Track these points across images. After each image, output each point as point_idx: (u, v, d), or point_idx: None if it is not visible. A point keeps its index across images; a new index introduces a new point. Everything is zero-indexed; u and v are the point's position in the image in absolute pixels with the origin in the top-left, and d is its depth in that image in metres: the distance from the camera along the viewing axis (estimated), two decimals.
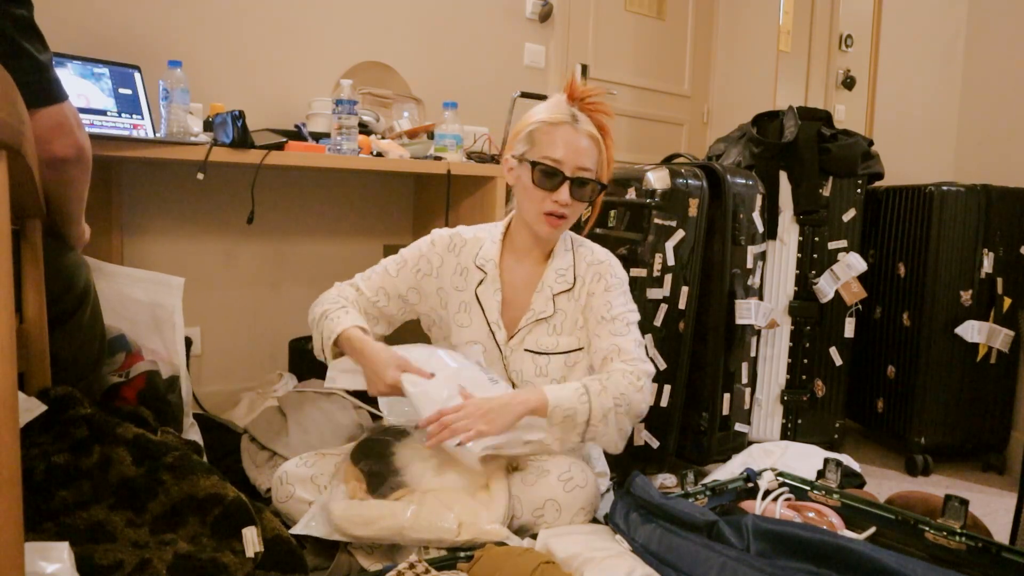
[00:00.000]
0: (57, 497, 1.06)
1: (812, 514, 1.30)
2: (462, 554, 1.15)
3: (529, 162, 1.38)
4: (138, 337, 1.62)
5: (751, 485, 1.44)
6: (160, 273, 1.67)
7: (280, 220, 2.42)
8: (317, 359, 1.45)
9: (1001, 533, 1.59)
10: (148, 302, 1.64)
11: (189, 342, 2.25)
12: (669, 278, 1.88)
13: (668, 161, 2.28)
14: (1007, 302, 2.11)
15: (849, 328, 2.21)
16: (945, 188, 2.11)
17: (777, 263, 2.17)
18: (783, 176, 2.16)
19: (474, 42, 2.78)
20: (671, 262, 1.88)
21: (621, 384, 1.33)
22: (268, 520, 1.14)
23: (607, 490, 1.50)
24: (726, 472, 1.70)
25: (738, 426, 2.02)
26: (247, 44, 2.29)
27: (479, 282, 1.47)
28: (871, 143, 2.23)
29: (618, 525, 1.22)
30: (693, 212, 1.89)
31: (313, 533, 1.24)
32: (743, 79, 3.41)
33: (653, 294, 1.86)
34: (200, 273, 2.29)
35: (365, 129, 2.22)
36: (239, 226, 2.32)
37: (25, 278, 1.12)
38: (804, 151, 2.13)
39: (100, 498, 1.09)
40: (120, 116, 1.86)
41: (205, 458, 1.41)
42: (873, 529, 1.27)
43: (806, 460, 1.66)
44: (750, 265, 2.00)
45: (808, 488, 1.40)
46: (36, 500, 1.04)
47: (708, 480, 1.49)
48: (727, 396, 1.98)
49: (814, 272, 2.16)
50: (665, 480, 1.86)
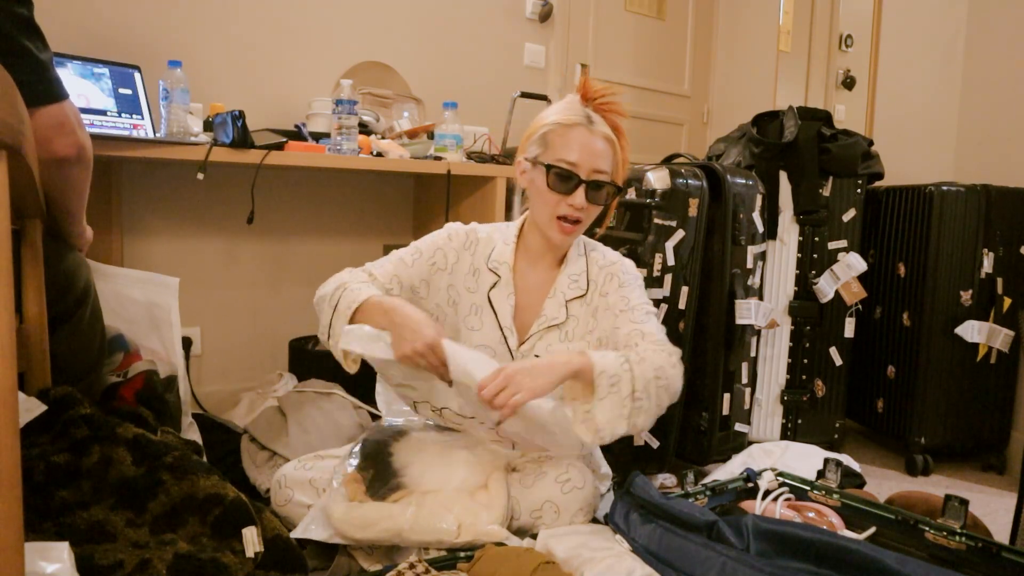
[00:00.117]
0: (57, 497, 1.06)
1: (812, 514, 1.30)
2: (462, 554, 1.15)
3: (543, 165, 1.34)
4: (136, 337, 1.63)
5: (751, 485, 1.44)
6: (156, 274, 1.67)
7: (280, 220, 2.42)
8: (321, 341, 1.36)
9: (1001, 533, 1.59)
10: (145, 302, 1.64)
11: (189, 342, 2.25)
12: (669, 278, 1.88)
13: (668, 161, 2.28)
14: (1007, 302, 2.11)
15: (849, 328, 2.21)
16: (945, 188, 2.11)
17: (777, 263, 2.17)
18: (783, 176, 2.16)
19: (474, 42, 2.78)
20: (671, 262, 1.88)
21: (659, 357, 1.26)
22: (268, 520, 1.14)
23: (607, 490, 1.50)
24: (726, 472, 1.70)
25: (738, 426, 2.02)
26: (247, 44, 2.29)
27: (492, 285, 1.43)
28: (871, 143, 2.23)
29: (618, 525, 1.22)
30: (693, 212, 1.89)
31: (313, 536, 1.23)
32: (743, 79, 3.41)
33: (653, 294, 1.86)
34: (200, 273, 2.29)
35: (365, 129, 2.22)
36: (239, 226, 2.32)
37: (25, 278, 1.12)
38: (804, 151, 2.13)
39: (100, 498, 1.09)
40: (120, 116, 1.86)
41: (205, 458, 1.41)
42: (873, 529, 1.27)
43: (806, 460, 1.66)
44: (750, 265, 2.00)
45: (808, 488, 1.40)
46: (36, 500, 1.04)
47: (708, 480, 1.49)
48: (727, 396, 1.98)
49: (814, 272, 2.16)
50: (665, 480, 1.86)
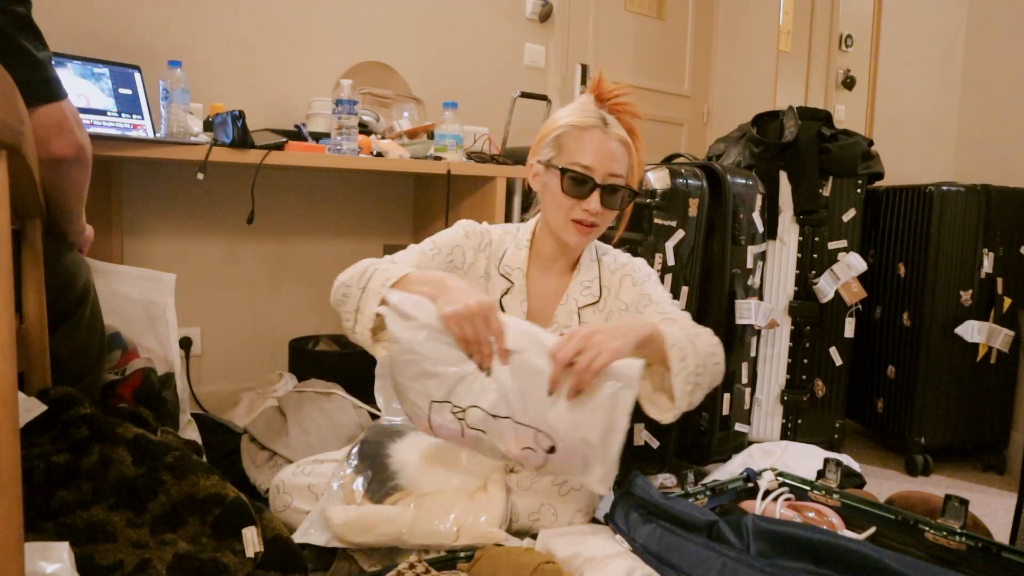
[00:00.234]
0: (57, 497, 1.06)
1: (812, 514, 1.30)
2: (462, 554, 1.15)
3: (558, 169, 1.30)
4: (133, 335, 1.62)
5: (751, 485, 1.44)
6: (152, 270, 1.66)
7: (280, 220, 2.42)
8: (345, 329, 1.23)
9: (1001, 533, 1.59)
10: (141, 299, 1.63)
11: (189, 342, 2.25)
12: (669, 278, 1.88)
13: (668, 161, 2.28)
14: (1007, 302, 2.11)
15: (849, 328, 2.21)
16: (945, 188, 2.11)
17: (777, 263, 2.17)
18: (783, 176, 2.16)
19: (474, 42, 2.78)
20: (671, 262, 1.88)
21: (708, 337, 1.21)
22: (268, 520, 1.14)
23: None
24: (726, 472, 1.71)
25: (738, 426, 2.02)
26: (247, 44, 2.29)
27: (504, 292, 1.39)
28: (871, 143, 2.23)
29: (618, 525, 1.22)
30: (693, 212, 1.89)
31: (312, 541, 1.22)
32: (743, 79, 3.41)
33: None
34: (200, 273, 2.29)
35: (365, 129, 2.22)
36: (239, 226, 2.32)
37: (25, 278, 1.12)
38: (804, 151, 2.13)
39: (100, 498, 1.09)
40: (120, 116, 1.86)
41: (205, 458, 1.41)
42: (873, 529, 1.27)
43: (806, 460, 1.66)
44: (750, 265, 2.00)
45: (808, 488, 1.40)
46: (36, 500, 1.04)
47: (708, 480, 1.49)
48: (727, 396, 1.98)
49: (814, 272, 2.16)
50: (665, 480, 1.86)
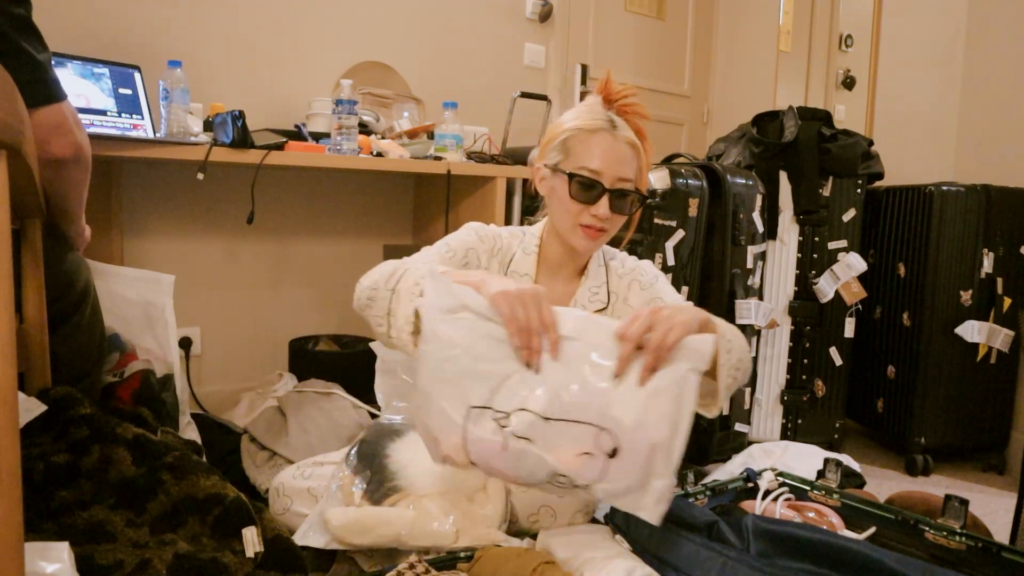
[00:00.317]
0: (57, 497, 1.06)
1: (812, 514, 1.30)
2: (462, 554, 1.15)
3: (565, 173, 1.27)
4: (131, 336, 1.62)
5: (751, 485, 1.44)
6: (150, 271, 1.65)
7: (280, 220, 2.42)
8: (377, 333, 1.15)
9: (1001, 533, 1.59)
10: (140, 301, 1.63)
11: (189, 342, 2.25)
12: (669, 278, 1.88)
13: (668, 161, 2.28)
14: (1007, 302, 2.11)
15: (849, 328, 2.21)
16: (945, 188, 2.11)
17: (777, 263, 2.17)
18: (783, 176, 2.16)
19: (474, 42, 2.78)
20: (671, 262, 1.88)
21: (739, 334, 1.14)
22: (268, 520, 1.14)
23: None
24: (726, 472, 1.71)
25: (738, 426, 2.02)
26: (247, 44, 2.29)
27: None
28: (871, 143, 2.24)
29: (618, 525, 1.22)
30: (693, 212, 1.89)
31: (311, 543, 1.22)
32: (743, 79, 3.41)
33: None
34: (200, 273, 2.29)
35: (365, 129, 2.22)
36: (239, 226, 2.32)
37: (25, 278, 1.12)
38: (804, 151, 2.13)
39: (100, 498, 1.09)
40: (120, 116, 1.86)
41: (205, 458, 1.41)
42: (873, 529, 1.27)
43: (806, 460, 1.66)
44: (750, 265, 2.00)
45: (808, 488, 1.40)
46: (36, 500, 1.04)
47: (708, 480, 1.49)
48: None
49: (814, 272, 2.16)
50: None
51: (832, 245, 2.17)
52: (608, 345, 0.99)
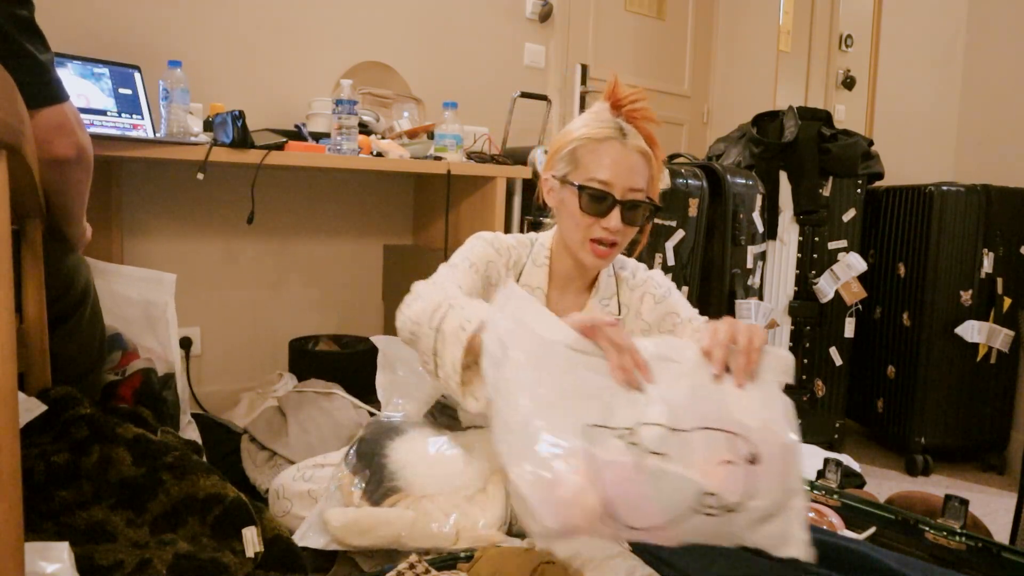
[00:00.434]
0: (57, 497, 1.06)
1: (812, 514, 1.30)
2: (462, 554, 1.15)
3: (574, 185, 1.22)
4: (133, 335, 1.62)
5: None
6: (152, 270, 1.65)
7: (280, 220, 2.42)
8: (426, 369, 1.08)
9: (1001, 533, 1.59)
10: (141, 300, 1.63)
11: (189, 342, 2.25)
12: (669, 278, 1.88)
13: (668, 161, 2.28)
14: (1007, 302, 2.11)
15: (849, 328, 2.21)
16: (945, 188, 2.11)
17: (777, 263, 2.17)
18: (783, 176, 2.16)
19: (474, 42, 2.78)
20: (671, 262, 1.88)
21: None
22: (268, 520, 1.14)
23: None
24: None
25: None
26: (247, 44, 2.29)
27: None
28: (871, 143, 2.24)
29: None
30: (693, 212, 1.89)
31: (310, 544, 1.22)
32: (743, 79, 3.41)
33: None
34: (200, 273, 2.29)
35: (365, 129, 2.22)
36: (239, 226, 2.32)
37: (25, 278, 1.12)
38: (804, 151, 2.13)
39: (100, 498, 1.09)
40: (120, 116, 1.86)
41: (205, 458, 1.41)
42: (873, 529, 1.27)
43: (806, 460, 1.66)
44: (750, 265, 2.00)
45: (808, 488, 1.40)
46: (36, 500, 1.04)
47: None
48: None
49: (814, 272, 2.16)
50: None
51: (832, 245, 2.17)
52: (693, 358, 0.93)
